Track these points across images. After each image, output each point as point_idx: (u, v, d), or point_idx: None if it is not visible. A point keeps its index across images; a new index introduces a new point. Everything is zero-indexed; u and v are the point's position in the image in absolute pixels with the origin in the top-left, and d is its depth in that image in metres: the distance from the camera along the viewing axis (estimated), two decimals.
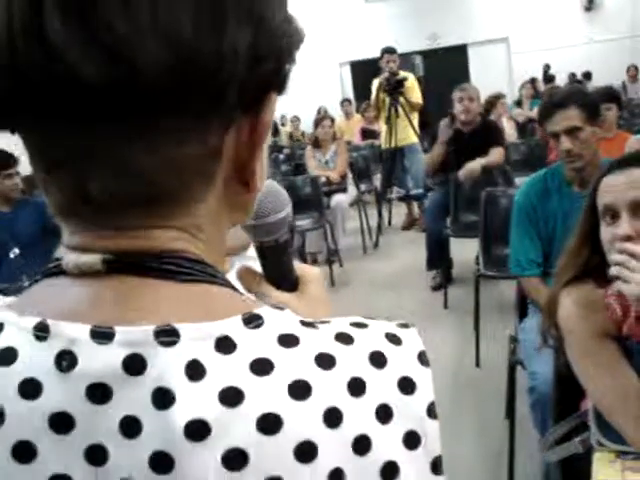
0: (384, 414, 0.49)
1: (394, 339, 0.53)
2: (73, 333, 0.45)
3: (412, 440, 0.50)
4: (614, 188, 1.41)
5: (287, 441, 0.44)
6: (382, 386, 0.49)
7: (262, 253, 0.84)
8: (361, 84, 14.06)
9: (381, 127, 7.01)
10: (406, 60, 7.75)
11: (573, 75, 13.68)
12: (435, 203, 4.95)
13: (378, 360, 0.50)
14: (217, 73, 0.44)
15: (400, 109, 6.33)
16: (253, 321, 0.48)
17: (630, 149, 3.30)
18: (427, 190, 5.43)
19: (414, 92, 6.45)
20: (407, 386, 0.51)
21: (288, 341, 0.48)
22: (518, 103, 9.60)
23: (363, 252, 6.42)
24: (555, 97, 2.44)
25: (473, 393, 3.29)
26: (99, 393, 0.44)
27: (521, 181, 3.42)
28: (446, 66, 14.16)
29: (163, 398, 0.44)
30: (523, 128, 8.30)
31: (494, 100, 7.48)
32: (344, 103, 10.27)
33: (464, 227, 4.57)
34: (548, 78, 12.93)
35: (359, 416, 0.47)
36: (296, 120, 12.23)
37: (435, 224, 4.82)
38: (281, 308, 0.51)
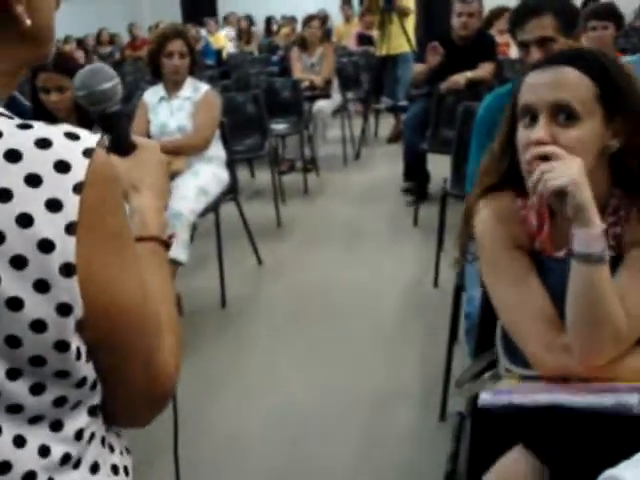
0: (51, 204, 0.68)
1: (71, 136, 0.71)
2: None
3: (55, 206, 0.67)
4: (536, 87, 1.25)
5: None
6: (54, 181, 0.68)
7: (99, 121, 1.05)
8: None
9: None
10: None
11: None
12: (415, 115, 4.73)
13: (61, 167, 0.68)
14: None
15: (394, 15, 6.01)
16: None
17: None
18: (410, 100, 5.19)
19: None
20: (63, 168, 0.68)
21: None
22: None
23: (343, 163, 6.23)
24: (529, 2, 2.21)
25: (425, 313, 3.21)
26: None
27: None
28: None
29: None
30: None
31: (498, 13, 7.09)
32: (344, 6, 9.81)
33: (442, 142, 4.37)
34: None
35: (28, 200, 0.67)
36: (292, 21, 11.72)
37: (413, 137, 4.63)
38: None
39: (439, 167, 4.81)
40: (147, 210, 0.98)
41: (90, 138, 0.72)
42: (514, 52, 6.63)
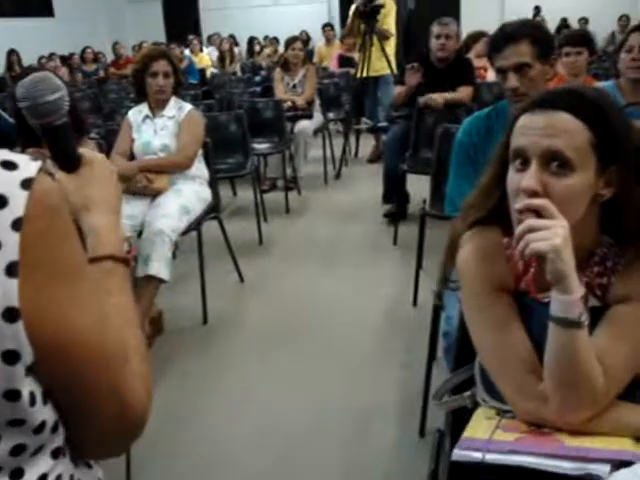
0: None
1: (8, 165, 0.65)
2: None
3: None
4: (529, 131, 1.19)
5: None
6: None
7: (43, 134, 0.99)
8: (349, 10, 13.62)
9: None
10: None
11: (564, 20, 13.37)
12: (396, 136, 4.81)
13: None
14: None
15: (375, 38, 6.11)
16: None
17: None
18: (390, 122, 5.27)
19: (387, 19, 6.22)
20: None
21: None
22: None
23: (324, 182, 6.29)
24: (507, 30, 2.28)
25: (405, 331, 3.25)
26: None
27: None
28: (437, 1, 13.76)
29: None
30: None
31: (475, 37, 7.23)
32: (326, 28, 9.93)
33: (422, 163, 4.45)
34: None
35: None
36: (275, 42, 11.83)
37: (393, 157, 4.70)
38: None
39: (418, 187, 4.88)
40: (101, 228, 0.94)
41: (30, 166, 0.67)
42: (491, 75, 6.77)
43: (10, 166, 0.66)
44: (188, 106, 3.62)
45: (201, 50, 11.76)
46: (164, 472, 2.30)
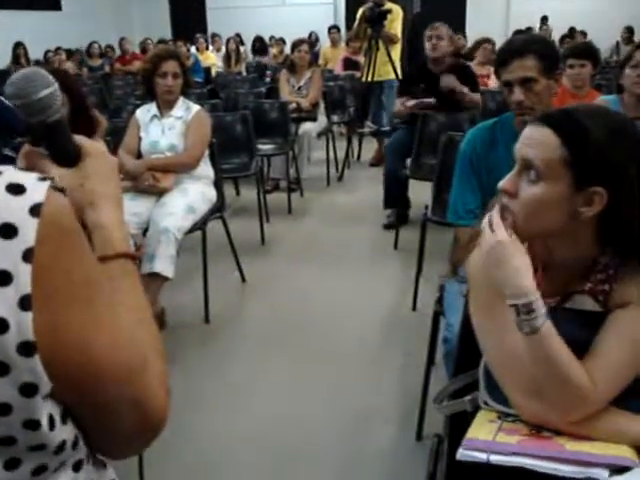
0: None
1: (14, 189, 0.61)
2: None
3: (3, 279, 0.59)
4: (519, 140, 1.32)
5: None
6: None
7: (38, 133, 0.94)
8: (355, 13, 13.67)
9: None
10: None
11: (572, 29, 13.39)
12: (398, 142, 4.85)
13: (6, 232, 0.59)
14: None
15: (381, 42, 6.15)
16: None
17: None
18: (393, 129, 5.32)
19: (393, 24, 6.26)
20: (8, 233, 0.60)
21: None
22: None
23: (326, 184, 6.34)
24: (514, 44, 2.32)
25: (403, 336, 3.29)
26: None
27: None
28: (443, 6, 13.81)
29: None
30: None
31: (478, 44, 7.29)
32: (332, 30, 9.97)
33: (424, 169, 4.50)
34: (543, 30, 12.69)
35: None
36: (281, 42, 11.87)
37: (394, 163, 4.75)
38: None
39: (420, 193, 4.93)
40: (108, 226, 0.89)
41: (38, 188, 0.63)
42: (493, 83, 6.82)
43: (17, 190, 0.62)
44: (196, 107, 3.66)
45: (207, 48, 11.80)
46: (162, 467, 2.34)
